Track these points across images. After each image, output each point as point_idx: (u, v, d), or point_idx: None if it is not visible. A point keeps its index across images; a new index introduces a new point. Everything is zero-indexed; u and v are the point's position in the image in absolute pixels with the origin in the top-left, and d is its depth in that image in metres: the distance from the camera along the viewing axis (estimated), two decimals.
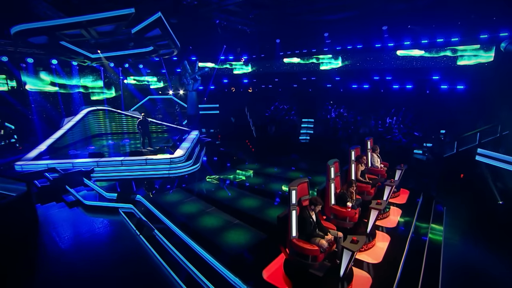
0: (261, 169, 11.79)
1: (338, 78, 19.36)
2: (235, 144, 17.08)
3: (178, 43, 15.18)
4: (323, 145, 15.39)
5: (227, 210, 7.67)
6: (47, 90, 17.74)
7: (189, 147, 13.10)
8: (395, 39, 16.00)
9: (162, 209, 7.93)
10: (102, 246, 6.98)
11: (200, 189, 9.45)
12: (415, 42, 15.30)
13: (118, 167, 11.26)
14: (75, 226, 7.98)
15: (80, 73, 19.25)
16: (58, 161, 11.35)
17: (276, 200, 8.58)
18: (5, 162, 12.41)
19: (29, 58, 15.66)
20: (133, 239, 7.19)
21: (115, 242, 7.23)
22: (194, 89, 20.34)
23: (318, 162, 13.42)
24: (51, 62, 16.53)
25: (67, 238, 7.29)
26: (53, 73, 17.40)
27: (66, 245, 6.97)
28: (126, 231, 7.71)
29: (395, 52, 16.39)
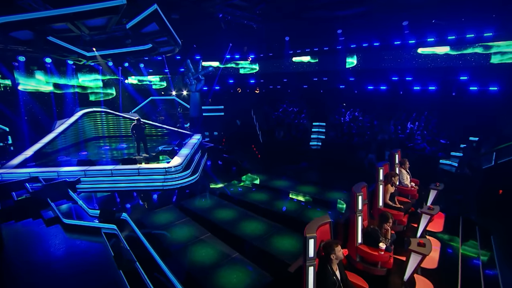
0: (268, 181, 10.42)
1: (352, 78, 17.89)
2: (240, 150, 15.77)
3: (178, 40, 13.95)
4: (337, 153, 13.94)
5: (225, 238, 6.34)
6: (41, 90, 16.76)
7: (188, 154, 11.84)
8: (417, 35, 14.44)
9: (146, 234, 6.67)
10: (72, 279, 5.75)
11: (196, 207, 8.14)
12: (440, 38, 13.70)
13: (108, 177, 10.06)
14: (47, 252, 6.77)
15: (78, 72, 18.24)
16: (42, 170, 10.22)
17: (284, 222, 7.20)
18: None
19: (20, 56, 14.64)
20: (112, 271, 5.94)
21: (90, 275, 5.99)
22: (197, 90, 19.12)
23: (332, 173, 12.01)
24: (45, 60, 15.50)
25: (33, 268, 6.09)
26: (47, 72, 16.40)
27: (29, 277, 5.76)
28: (105, 259, 6.46)
29: (416, 50, 14.83)
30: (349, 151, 13.88)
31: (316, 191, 9.42)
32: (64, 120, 14.61)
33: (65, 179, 9.68)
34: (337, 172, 12.06)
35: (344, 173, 11.77)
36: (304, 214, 7.58)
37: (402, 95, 15.88)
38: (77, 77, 17.94)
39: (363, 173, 11.91)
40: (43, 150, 12.47)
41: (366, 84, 17.26)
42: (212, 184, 10.43)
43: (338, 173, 11.86)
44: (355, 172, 11.67)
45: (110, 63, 17.52)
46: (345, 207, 8.22)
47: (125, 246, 6.58)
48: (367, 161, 12.81)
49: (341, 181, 10.66)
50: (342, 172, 11.95)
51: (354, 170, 12.06)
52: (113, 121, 16.86)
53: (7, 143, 14.52)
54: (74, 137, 14.78)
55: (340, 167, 12.48)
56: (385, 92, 16.60)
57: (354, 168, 12.36)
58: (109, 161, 11.56)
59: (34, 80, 16.45)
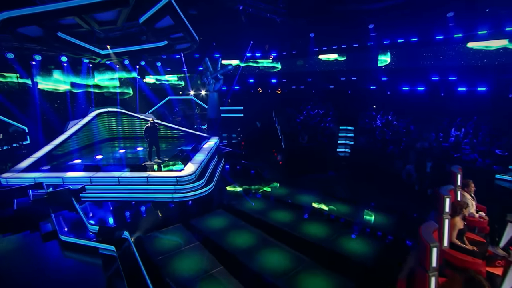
0: (292, 196, 9.09)
1: (385, 78, 16.16)
2: (260, 155, 14.56)
3: (195, 36, 12.92)
4: (369, 161, 12.34)
5: (240, 274, 5.13)
6: (58, 89, 16.39)
7: (203, 161, 10.78)
8: (465, 28, 12.54)
9: (148, 260, 5.61)
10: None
11: (207, 227, 6.97)
12: (495, 30, 11.75)
13: (115, 186, 9.17)
14: (36, 273, 5.88)
15: (95, 71, 17.78)
16: (47, 175, 9.51)
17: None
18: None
19: (36, 55, 14.24)
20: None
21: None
22: (215, 90, 18.10)
23: (365, 187, 10.42)
24: (60, 59, 15.04)
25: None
26: (64, 71, 15.98)
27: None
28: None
29: (464, 45, 12.95)
30: (383, 160, 12.27)
31: (349, 211, 8.00)
32: (77, 120, 14.04)
33: (69, 186, 8.88)
34: (370, 184, 10.53)
35: (378, 186, 10.26)
36: (337, 243, 6.22)
37: (444, 97, 14.01)
38: (93, 76, 17.46)
39: (401, 187, 10.37)
40: (53, 153, 11.88)
41: (401, 85, 15.49)
42: (228, 197, 9.26)
43: (372, 186, 10.33)
44: (392, 186, 10.15)
45: (126, 61, 16.88)
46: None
47: (121, 274, 5.56)
48: (405, 173, 11.15)
49: (376, 197, 9.19)
50: (376, 185, 10.42)
51: (390, 183, 10.51)
52: (128, 122, 16.17)
53: (22, 144, 14.15)
54: (87, 138, 14.19)
55: (373, 179, 10.93)
56: (423, 93, 14.78)
57: (390, 180, 10.79)
58: (118, 167, 10.70)
59: (51, 79, 16.10)
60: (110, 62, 16.14)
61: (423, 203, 8.93)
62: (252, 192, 9.62)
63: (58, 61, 15.42)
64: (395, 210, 8.08)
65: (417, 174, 10.67)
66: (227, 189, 10.22)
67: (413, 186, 10.44)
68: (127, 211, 8.30)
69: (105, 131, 15.60)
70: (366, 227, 7.00)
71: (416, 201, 9.07)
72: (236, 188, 10.18)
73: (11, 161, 11.63)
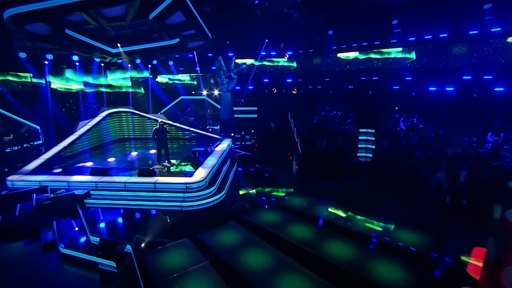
0: (311, 207, 8.25)
1: (409, 77, 15.04)
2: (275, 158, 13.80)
3: (208, 33, 12.31)
4: (393, 168, 11.35)
5: None
6: (70, 89, 16.17)
7: (214, 165, 10.10)
8: (505, 21, 11.31)
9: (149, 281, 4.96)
10: None
11: (218, 244, 6.25)
12: None
13: (121, 192, 8.62)
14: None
15: (107, 70, 17.49)
16: (53, 178, 9.07)
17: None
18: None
19: (48, 54, 14.01)
20: None
21: None
22: (229, 90, 17.43)
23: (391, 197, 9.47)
24: (72, 58, 14.77)
25: None
26: (76, 70, 15.72)
27: None
28: None
29: (503, 40, 11.70)
30: (409, 167, 11.23)
31: (375, 226, 7.13)
32: (87, 121, 13.69)
33: (73, 191, 8.40)
34: (395, 194, 9.60)
35: (405, 196, 9.33)
36: (366, 267, 5.38)
37: (478, 98, 12.80)
38: (105, 76, 17.17)
39: (430, 198, 9.37)
40: (61, 154, 11.52)
41: (428, 85, 14.35)
42: (241, 206, 8.54)
43: (397, 196, 9.40)
44: (420, 197, 9.18)
45: (138, 60, 16.48)
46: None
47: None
48: (434, 182, 10.10)
49: (403, 209, 8.28)
50: (402, 195, 9.49)
51: (418, 193, 9.53)
52: (140, 123, 15.73)
53: (33, 144, 13.94)
54: (97, 139, 13.82)
55: (398, 188, 9.98)
56: (452, 94, 13.59)
57: (417, 190, 9.80)
58: (126, 170, 10.19)
59: (63, 78, 15.89)
60: (121, 61, 15.77)
61: (459, 218, 7.96)
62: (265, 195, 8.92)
63: (70, 61, 15.18)
64: (427, 226, 7.15)
65: (449, 184, 9.62)
66: (240, 192, 9.56)
67: (444, 198, 9.42)
68: (133, 220, 7.72)
69: (116, 131, 15.23)
70: (398, 248, 6.11)
71: (451, 216, 8.09)
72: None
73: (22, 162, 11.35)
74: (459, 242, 6.43)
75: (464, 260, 5.61)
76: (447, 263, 5.76)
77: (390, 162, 12.11)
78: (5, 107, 13.84)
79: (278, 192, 9.53)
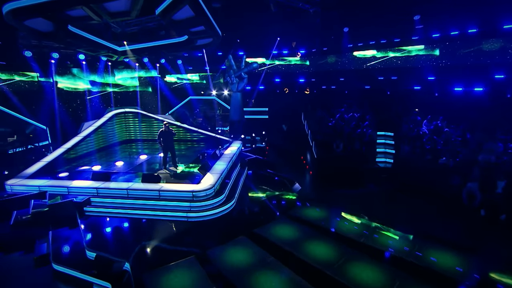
0: (330, 219, 7.45)
1: (432, 77, 14.02)
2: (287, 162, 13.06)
3: (218, 29, 11.64)
4: (416, 175, 10.43)
5: None
6: (77, 88, 15.78)
7: (224, 170, 9.42)
8: None
9: None
10: None
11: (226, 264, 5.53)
12: None
13: (123, 200, 8.01)
14: None
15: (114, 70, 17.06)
16: (52, 183, 8.56)
17: None
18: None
19: (54, 53, 13.60)
20: None
21: None
22: (239, 90, 16.74)
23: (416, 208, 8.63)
24: (78, 57, 14.34)
25: None
26: (83, 70, 15.30)
27: None
28: None
29: None
30: (434, 174, 10.30)
31: (404, 244, 6.28)
32: (92, 122, 13.22)
33: (72, 198, 7.84)
34: (420, 204, 8.72)
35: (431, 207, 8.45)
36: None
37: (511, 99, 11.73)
38: (113, 75, 16.73)
39: (461, 210, 8.44)
40: (64, 156, 11.05)
41: (453, 85, 13.30)
42: (252, 218, 7.80)
43: (423, 207, 8.53)
44: (448, 209, 8.29)
45: (146, 59, 15.96)
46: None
47: None
48: (465, 192, 9.13)
49: (431, 223, 7.40)
50: (427, 206, 8.61)
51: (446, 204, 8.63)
52: (147, 124, 15.19)
53: (38, 145, 13.55)
54: (102, 140, 13.34)
55: (423, 197, 9.09)
56: (482, 95, 12.52)
57: (444, 200, 8.90)
58: (130, 175, 9.60)
59: (70, 78, 15.50)
60: (128, 60, 15.28)
61: (496, 234, 7.04)
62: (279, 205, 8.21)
63: (77, 60, 14.77)
64: (462, 245, 6.26)
65: (483, 195, 8.65)
66: (251, 201, 8.87)
67: (477, 211, 8.46)
68: (134, 232, 7.09)
69: (122, 132, 14.73)
70: (435, 273, 5.26)
71: (486, 232, 7.18)
72: (261, 200, 8.83)
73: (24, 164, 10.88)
74: (496, 263, 5.58)
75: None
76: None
77: (412, 168, 11.19)
78: (11, 107, 13.54)
79: (292, 201, 8.75)
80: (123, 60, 15.31)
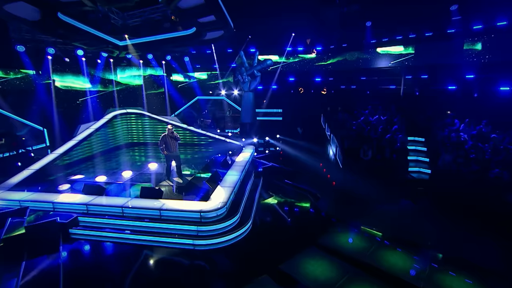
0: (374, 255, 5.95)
1: (471, 75, 12.37)
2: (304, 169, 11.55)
3: (230, 20, 10.24)
4: (460, 191, 8.78)
5: None
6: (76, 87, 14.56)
7: (236, 183, 8.01)
8: None
9: None
10: None
11: None
12: None
13: (117, 220, 6.64)
14: None
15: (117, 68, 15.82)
16: (36, 197, 7.25)
17: None
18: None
19: (49, 48, 12.39)
20: None
21: None
22: (251, 89, 15.33)
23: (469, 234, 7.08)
24: (76, 53, 13.12)
25: None
26: (82, 67, 14.06)
27: None
28: None
29: None
30: (485, 189, 8.67)
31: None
32: (90, 123, 11.96)
33: (56, 218, 6.50)
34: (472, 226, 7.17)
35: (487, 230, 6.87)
36: None
37: None
38: (115, 73, 15.48)
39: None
40: (55, 163, 9.78)
41: (498, 84, 11.63)
42: (273, 244, 6.34)
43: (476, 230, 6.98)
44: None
45: (150, 56, 14.67)
46: None
47: None
48: None
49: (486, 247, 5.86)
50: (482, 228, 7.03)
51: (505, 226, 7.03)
52: (151, 126, 13.87)
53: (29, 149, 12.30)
54: (101, 144, 12.07)
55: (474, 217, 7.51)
56: None
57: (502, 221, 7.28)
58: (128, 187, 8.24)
59: (67, 75, 14.28)
60: (131, 56, 14.00)
61: None
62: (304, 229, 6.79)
63: (75, 56, 13.54)
64: None
65: None
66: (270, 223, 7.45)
67: None
68: (127, 266, 5.69)
69: (123, 135, 13.45)
70: None
71: None
72: (283, 221, 7.44)
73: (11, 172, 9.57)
74: None
75: None
76: None
77: (455, 181, 9.57)
78: (2, 106, 12.35)
79: (320, 223, 7.27)
80: (126, 56, 14.05)
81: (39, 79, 13.26)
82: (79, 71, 14.11)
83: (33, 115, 13.22)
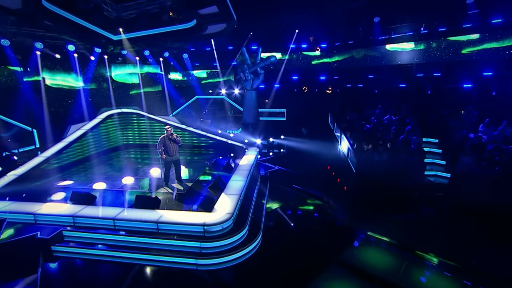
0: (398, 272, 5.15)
1: (490, 72, 11.65)
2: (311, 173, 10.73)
3: (233, 12, 9.43)
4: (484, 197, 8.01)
5: None
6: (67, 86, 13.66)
7: (242, 189, 7.19)
8: None
9: None
10: None
11: None
12: None
13: (108, 235, 5.78)
14: None
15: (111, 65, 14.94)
16: (15, 207, 6.38)
17: None
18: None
19: (37, 43, 11.48)
20: None
21: None
22: (253, 88, 14.52)
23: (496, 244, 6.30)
24: (67, 48, 12.23)
25: None
26: (74, 63, 13.15)
27: None
28: None
29: None
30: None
31: None
32: (82, 124, 11.11)
33: (36, 233, 5.64)
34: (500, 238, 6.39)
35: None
36: None
37: None
38: (109, 70, 14.60)
39: None
40: (42, 167, 8.90)
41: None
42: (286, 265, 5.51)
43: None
44: None
45: (147, 52, 13.81)
46: None
47: None
48: None
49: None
50: None
51: None
52: (147, 126, 13.00)
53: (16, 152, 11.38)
54: (93, 146, 11.20)
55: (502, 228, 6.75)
56: None
57: None
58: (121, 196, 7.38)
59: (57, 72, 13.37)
60: (127, 52, 13.13)
61: None
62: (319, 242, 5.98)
63: (66, 52, 12.63)
64: None
65: None
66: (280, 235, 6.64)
67: None
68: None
69: (118, 137, 12.58)
70: None
71: None
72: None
73: None
74: None
75: None
76: None
77: (478, 185, 8.79)
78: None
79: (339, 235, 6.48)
80: (121, 52, 13.17)
81: (27, 77, 12.34)
82: (70, 68, 13.21)
83: (21, 115, 12.30)
